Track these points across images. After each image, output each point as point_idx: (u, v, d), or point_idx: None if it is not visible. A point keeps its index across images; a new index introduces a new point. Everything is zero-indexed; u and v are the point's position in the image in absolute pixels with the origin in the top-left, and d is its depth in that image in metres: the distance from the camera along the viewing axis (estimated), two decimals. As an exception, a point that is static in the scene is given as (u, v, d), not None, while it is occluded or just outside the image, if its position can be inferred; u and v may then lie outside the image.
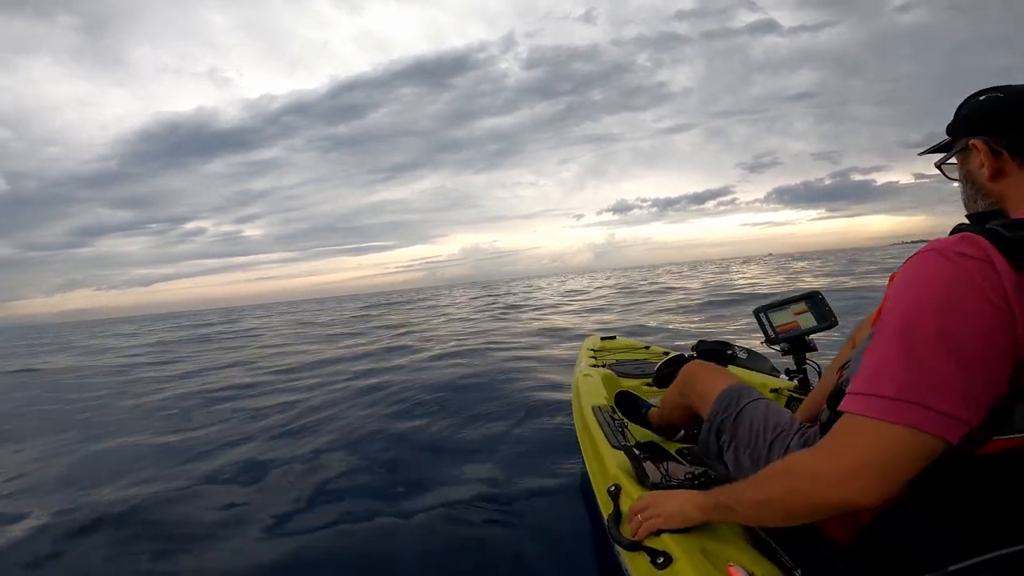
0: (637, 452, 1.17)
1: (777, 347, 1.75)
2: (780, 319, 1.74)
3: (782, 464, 0.74)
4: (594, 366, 2.39)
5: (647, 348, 2.98)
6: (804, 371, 1.72)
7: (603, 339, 3.17)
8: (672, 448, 1.43)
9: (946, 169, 0.83)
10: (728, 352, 1.85)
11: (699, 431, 1.35)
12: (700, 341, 1.89)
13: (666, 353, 2.55)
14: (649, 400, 1.71)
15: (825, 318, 1.69)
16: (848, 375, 0.86)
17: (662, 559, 0.84)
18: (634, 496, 1.03)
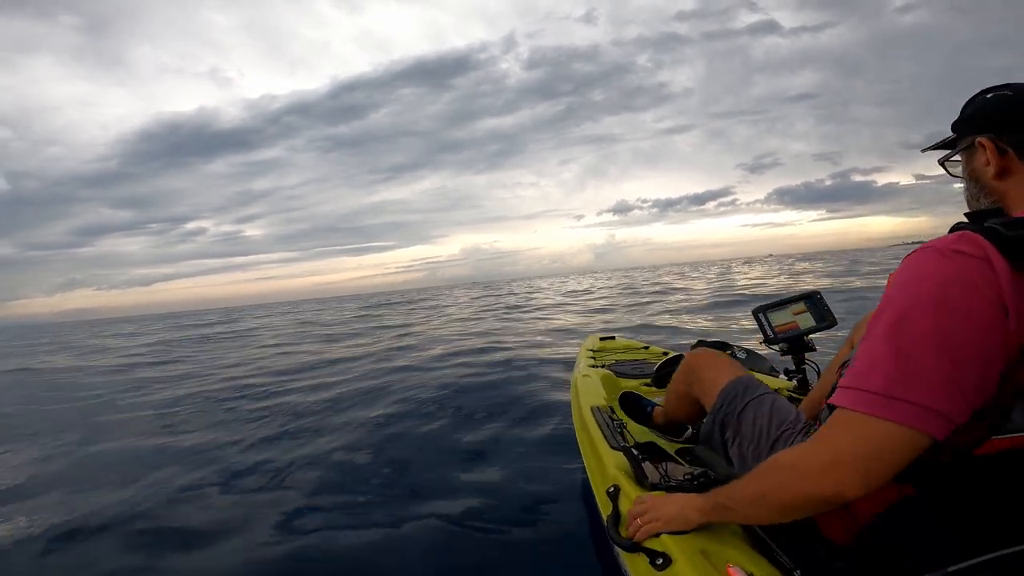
0: (636, 453, 1.16)
1: (776, 347, 1.75)
2: (779, 319, 1.74)
3: (774, 459, 0.74)
4: (593, 366, 2.38)
5: (646, 348, 2.97)
6: (803, 371, 1.72)
7: (602, 339, 3.17)
8: (671, 448, 1.43)
9: (949, 166, 0.83)
10: (727, 352, 1.86)
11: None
12: (699, 341, 1.89)
13: (665, 353, 2.55)
14: (653, 400, 1.71)
15: (824, 318, 1.69)
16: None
17: (661, 560, 0.84)
18: (633, 497, 1.03)
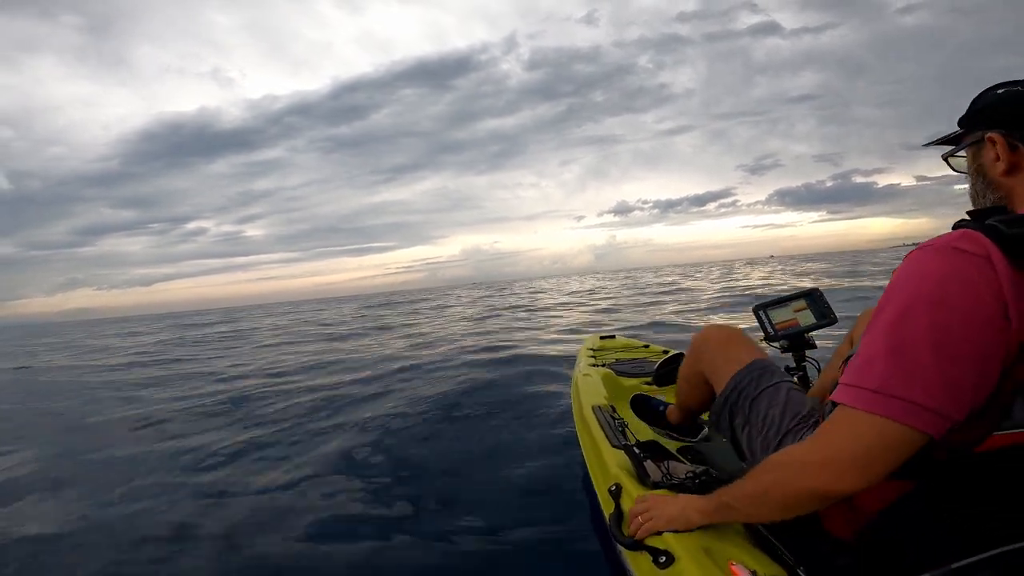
0: (637, 451, 1.17)
1: (776, 344, 1.75)
2: (779, 316, 1.74)
3: (774, 456, 0.74)
4: (593, 365, 2.39)
5: (646, 347, 2.97)
6: (804, 368, 1.72)
7: (602, 338, 3.17)
8: (673, 447, 1.43)
9: (953, 162, 0.83)
10: None
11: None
12: None
13: (666, 351, 2.54)
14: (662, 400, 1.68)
15: (824, 315, 1.69)
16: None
17: (664, 558, 0.84)
18: (635, 495, 1.03)
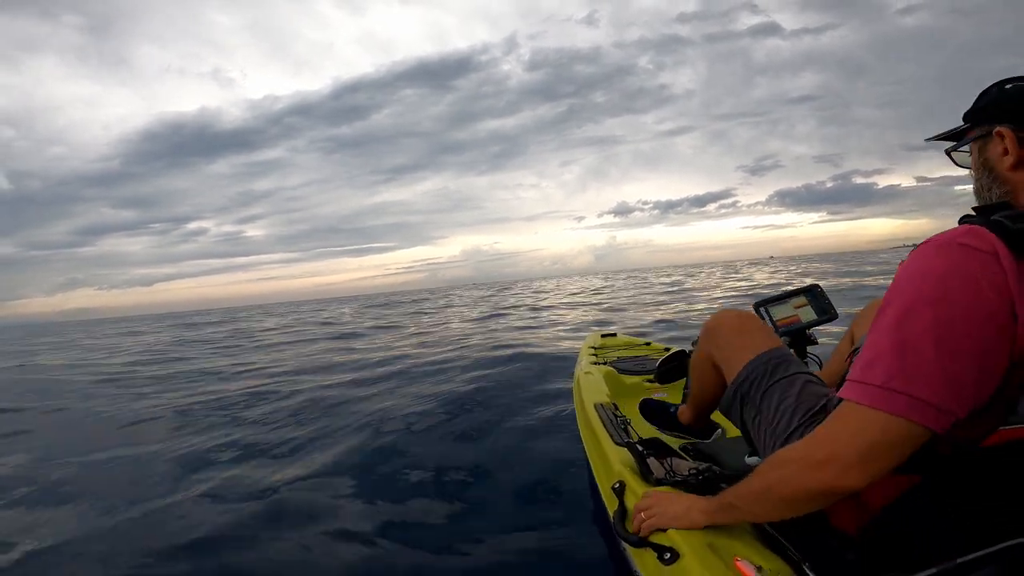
0: (640, 448, 1.16)
1: (778, 341, 1.75)
2: (780, 313, 1.74)
3: (778, 454, 0.74)
4: (595, 363, 2.39)
5: (648, 344, 2.97)
6: (805, 364, 1.72)
7: (603, 336, 3.17)
8: (676, 444, 1.43)
9: (957, 156, 0.83)
10: None
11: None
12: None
13: (667, 349, 2.54)
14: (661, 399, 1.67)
15: (825, 311, 1.69)
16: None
17: (669, 555, 0.84)
18: (639, 493, 1.03)
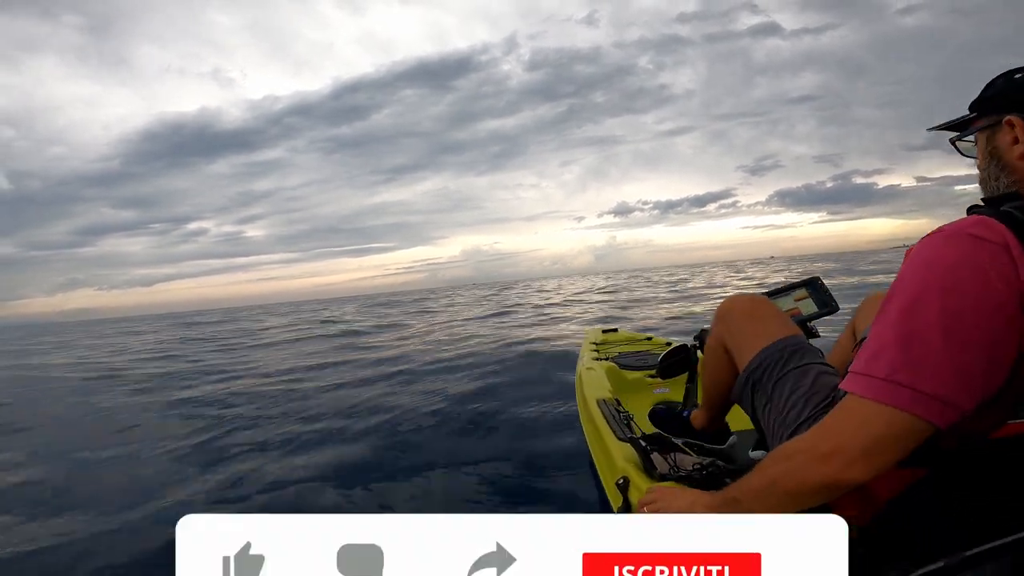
0: (644, 444, 1.16)
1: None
2: (781, 306, 1.73)
3: (783, 446, 0.74)
4: (596, 359, 2.38)
5: (649, 339, 2.96)
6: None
7: (605, 332, 3.16)
8: (679, 439, 1.42)
9: (961, 146, 0.81)
10: None
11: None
12: (703, 330, 1.88)
13: (669, 344, 2.53)
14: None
15: (826, 304, 1.69)
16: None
17: None
18: (643, 488, 1.03)
